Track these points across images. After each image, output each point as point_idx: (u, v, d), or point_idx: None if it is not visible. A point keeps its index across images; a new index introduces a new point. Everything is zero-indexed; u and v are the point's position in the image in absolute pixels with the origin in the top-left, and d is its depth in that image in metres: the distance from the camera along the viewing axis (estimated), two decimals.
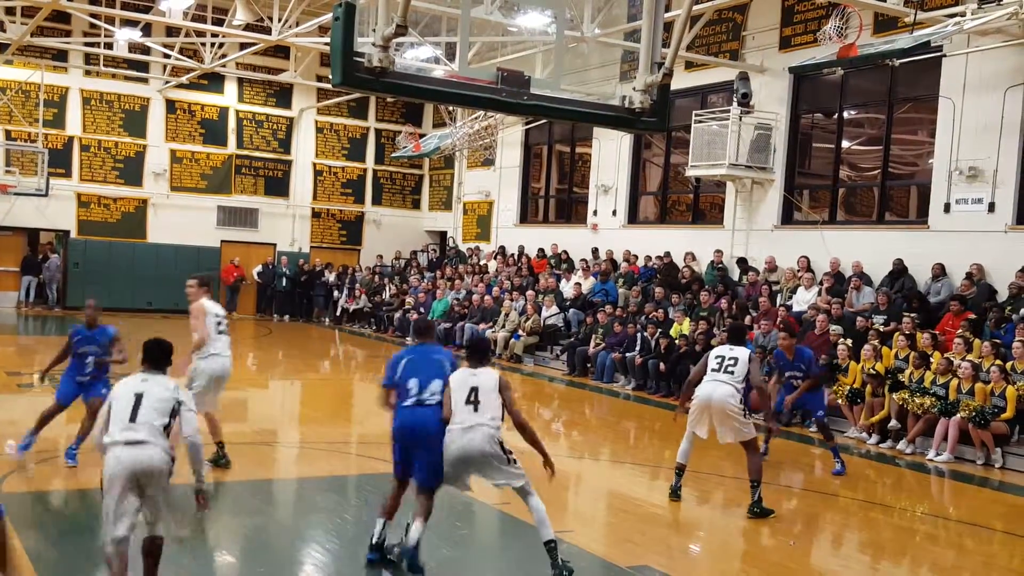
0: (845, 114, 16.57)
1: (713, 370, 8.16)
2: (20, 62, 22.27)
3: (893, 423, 11.61)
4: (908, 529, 8.36)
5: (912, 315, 12.89)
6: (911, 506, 9.26)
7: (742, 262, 16.95)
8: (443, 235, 26.96)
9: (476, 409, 6.08)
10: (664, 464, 10.45)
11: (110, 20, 20.39)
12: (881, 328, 13.04)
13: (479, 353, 6.47)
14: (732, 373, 8.06)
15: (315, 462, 9.67)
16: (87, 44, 21.96)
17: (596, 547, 7.07)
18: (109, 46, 21.75)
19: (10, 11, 19.93)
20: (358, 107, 26.36)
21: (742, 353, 8.16)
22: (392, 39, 4.85)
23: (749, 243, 17.23)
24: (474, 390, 6.13)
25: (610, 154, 20.48)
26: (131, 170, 23.95)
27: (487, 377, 6.22)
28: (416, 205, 27.85)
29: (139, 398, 5.21)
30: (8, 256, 23.52)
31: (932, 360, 11.64)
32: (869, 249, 15.02)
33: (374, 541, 6.20)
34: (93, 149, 23.54)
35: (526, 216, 23.92)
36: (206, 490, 5.52)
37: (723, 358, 8.17)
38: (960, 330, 12.18)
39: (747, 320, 14.77)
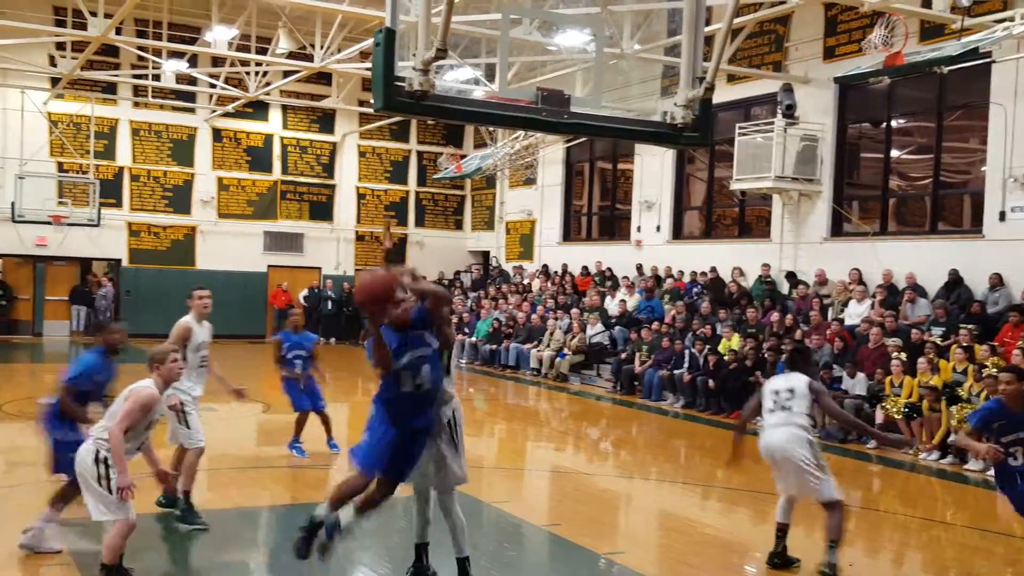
0: (893, 123, 16.29)
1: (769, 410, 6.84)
2: (71, 95, 22.86)
3: (953, 438, 11.28)
4: (972, 547, 8.08)
5: (970, 327, 12.55)
6: (974, 524, 8.96)
7: (791, 276, 16.69)
8: (486, 255, 27.00)
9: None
10: (716, 484, 10.27)
11: (157, 52, 20.86)
12: (939, 341, 12.71)
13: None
14: (789, 409, 6.67)
15: None
16: (135, 76, 22.48)
17: (649, 568, 6.92)
18: (157, 78, 22.24)
19: (60, 46, 20.52)
20: (400, 130, 26.60)
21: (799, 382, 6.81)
22: (432, 63, 4.85)
23: (798, 256, 16.97)
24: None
25: (653, 170, 20.37)
26: (180, 198, 24.41)
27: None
28: (459, 226, 27.96)
29: None
30: (62, 286, 24.06)
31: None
32: (923, 260, 14.69)
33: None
34: (143, 179, 24.04)
35: (569, 234, 23.87)
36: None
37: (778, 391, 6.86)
38: (1021, 341, 11.82)
39: (798, 335, 14.51)
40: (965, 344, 12.11)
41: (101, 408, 6.89)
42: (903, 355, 12.44)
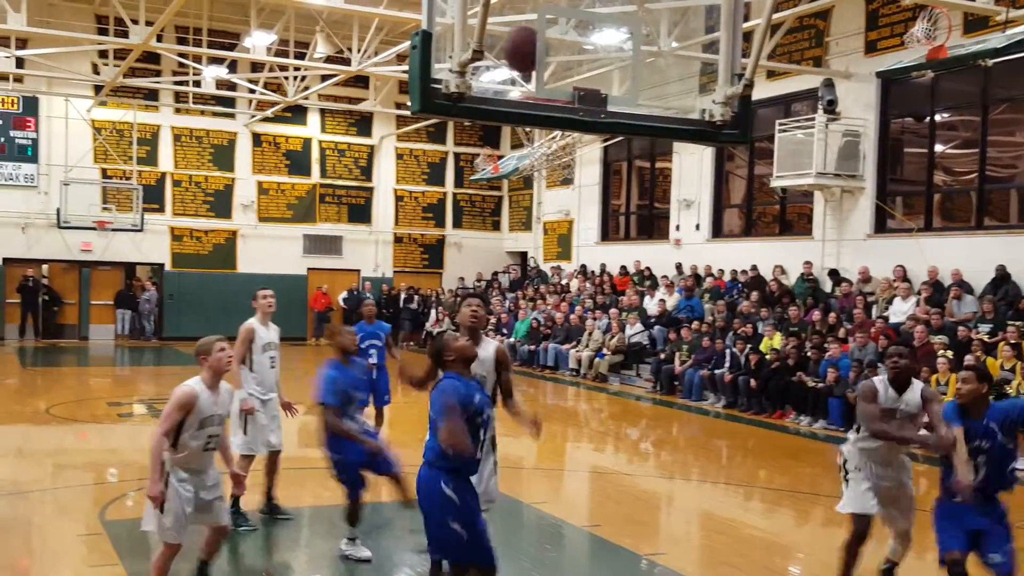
0: (937, 117, 15.98)
1: None
2: (114, 103, 23.26)
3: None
4: (1021, 548, 7.89)
5: (1018, 323, 12.28)
6: (1022, 523, 8.75)
7: (834, 273, 16.45)
8: (524, 255, 26.99)
9: None
10: (758, 484, 10.16)
11: (197, 59, 21.17)
12: (986, 338, 12.45)
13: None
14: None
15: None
16: (176, 83, 22.82)
17: (691, 570, 6.87)
18: (197, 84, 22.57)
19: (103, 54, 20.89)
20: (437, 132, 26.69)
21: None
22: (469, 64, 4.84)
23: (840, 253, 16.72)
24: None
25: (691, 168, 20.21)
26: (220, 203, 24.74)
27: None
28: (496, 227, 27.98)
29: None
30: (107, 290, 24.51)
31: None
32: (969, 256, 14.39)
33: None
34: (184, 184, 24.40)
35: (607, 234, 23.77)
36: None
37: None
38: None
39: (841, 332, 14.29)
40: (1013, 341, 11.87)
41: (361, 415, 7.04)
42: (949, 353, 12.20)
